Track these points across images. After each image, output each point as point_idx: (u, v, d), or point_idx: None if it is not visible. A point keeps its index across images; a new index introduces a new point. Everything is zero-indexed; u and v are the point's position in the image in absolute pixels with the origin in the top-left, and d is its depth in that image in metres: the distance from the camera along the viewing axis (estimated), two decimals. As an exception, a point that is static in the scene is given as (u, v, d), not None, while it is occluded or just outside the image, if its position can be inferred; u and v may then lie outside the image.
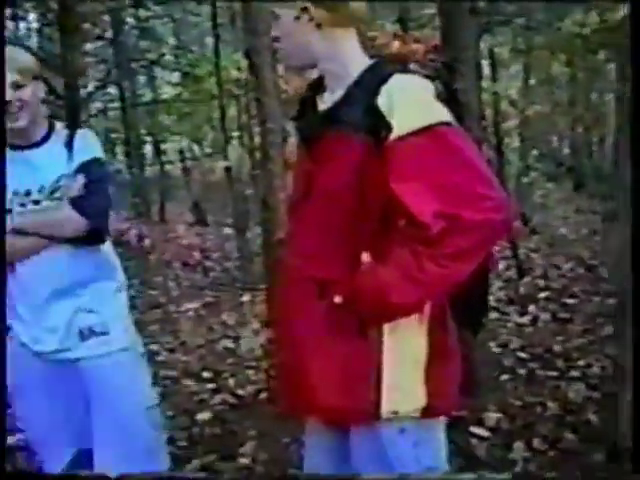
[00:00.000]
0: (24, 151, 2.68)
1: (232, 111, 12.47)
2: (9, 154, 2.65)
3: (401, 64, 2.05)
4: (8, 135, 2.65)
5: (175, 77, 15.79)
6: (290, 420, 3.23)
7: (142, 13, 12.63)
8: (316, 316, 2.01)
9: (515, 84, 13.00)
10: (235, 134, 12.73)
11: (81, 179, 2.65)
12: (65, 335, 2.68)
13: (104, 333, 2.73)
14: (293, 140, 4.64)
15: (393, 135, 1.85)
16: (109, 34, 11.92)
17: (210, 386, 5.28)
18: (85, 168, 2.70)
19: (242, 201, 10.24)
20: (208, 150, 17.39)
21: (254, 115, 9.88)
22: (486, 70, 9.96)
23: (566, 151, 18.49)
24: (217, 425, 4.54)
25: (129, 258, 8.49)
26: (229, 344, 6.37)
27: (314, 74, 2.20)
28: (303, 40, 2.03)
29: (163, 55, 13.66)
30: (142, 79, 16.72)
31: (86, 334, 2.70)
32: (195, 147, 18.72)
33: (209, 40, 12.51)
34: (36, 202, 2.64)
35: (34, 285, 2.65)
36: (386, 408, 1.97)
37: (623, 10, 6.11)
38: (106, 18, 11.35)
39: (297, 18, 2.01)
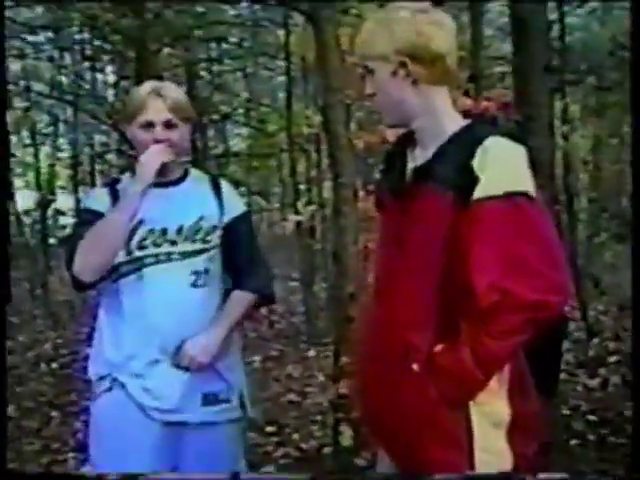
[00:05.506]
0: (158, 188, 2.53)
1: (300, 166, 12.56)
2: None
3: (494, 125, 2.03)
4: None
5: (245, 131, 15.97)
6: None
7: (216, 68, 12.90)
8: (399, 375, 1.99)
9: (586, 143, 12.88)
10: (302, 188, 12.80)
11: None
12: (188, 396, 2.53)
13: (227, 401, 2.61)
14: (363, 195, 4.67)
15: (476, 194, 1.85)
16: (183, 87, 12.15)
17: (274, 439, 5.26)
18: (242, 221, 2.69)
19: (310, 255, 10.25)
20: (276, 204, 17.52)
21: (324, 170, 9.97)
22: (557, 129, 9.89)
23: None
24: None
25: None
26: (294, 398, 6.34)
27: (391, 131, 2.20)
28: (399, 97, 2.02)
29: (235, 109, 13.87)
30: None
31: (210, 399, 2.57)
32: (261, 200, 18.83)
33: (281, 95, 12.67)
34: (173, 242, 2.51)
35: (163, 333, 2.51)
36: (479, 470, 1.93)
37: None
38: (180, 72, 11.56)
39: (394, 74, 2.00)
